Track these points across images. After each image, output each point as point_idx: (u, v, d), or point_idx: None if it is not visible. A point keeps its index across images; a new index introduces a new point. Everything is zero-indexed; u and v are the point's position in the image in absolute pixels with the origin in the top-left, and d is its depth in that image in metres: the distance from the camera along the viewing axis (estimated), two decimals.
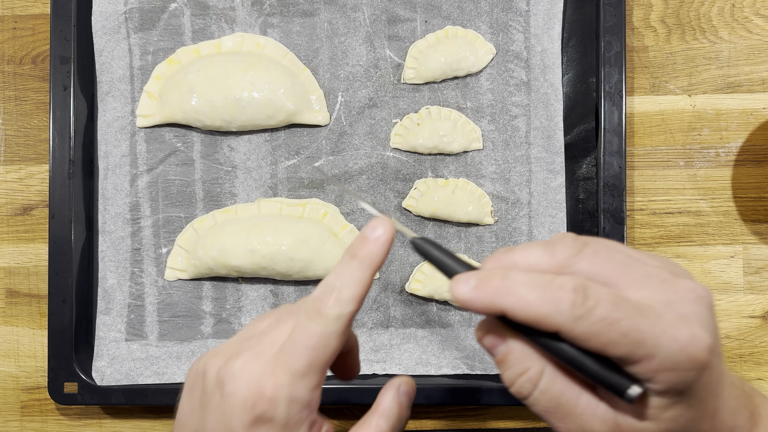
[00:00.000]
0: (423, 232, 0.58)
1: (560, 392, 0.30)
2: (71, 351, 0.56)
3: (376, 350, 0.57)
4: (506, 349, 0.30)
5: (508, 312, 0.28)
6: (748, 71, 0.60)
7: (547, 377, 0.30)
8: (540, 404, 0.30)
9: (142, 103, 0.57)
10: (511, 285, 0.28)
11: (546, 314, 0.28)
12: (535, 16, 0.57)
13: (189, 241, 0.57)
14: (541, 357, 0.30)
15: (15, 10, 0.61)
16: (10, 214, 0.61)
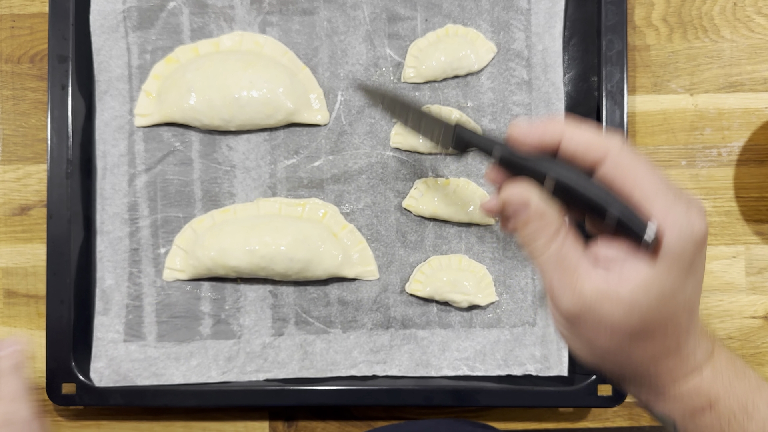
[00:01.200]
0: (423, 232, 0.57)
1: (567, 253, 0.33)
2: (69, 352, 0.56)
3: (376, 351, 0.57)
4: (531, 206, 0.34)
5: (566, 137, 0.33)
6: (750, 70, 0.60)
7: (559, 240, 0.33)
8: (545, 258, 0.33)
9: (141, 103, 0.57)
10: (563, 124, 0.34)
11: (598, 140, 0.33)
12: (536, 15, 0.57)
13: (187, 242, 0.57)
14: (558, 220, 0.34)
15: (13, 9, 0.61)
16: (7, 214, 0.61)
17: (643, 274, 0.32)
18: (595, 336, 0.33)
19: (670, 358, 0.34)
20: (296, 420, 0.60)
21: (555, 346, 0.56)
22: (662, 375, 0.34)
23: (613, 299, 0.32)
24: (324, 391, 0.55)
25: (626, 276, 0.32)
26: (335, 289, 0.57)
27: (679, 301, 0.32)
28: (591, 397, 0.55)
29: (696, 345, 0.34)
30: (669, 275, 0.32)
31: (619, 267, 0.32)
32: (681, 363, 0.34)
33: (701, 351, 0.34)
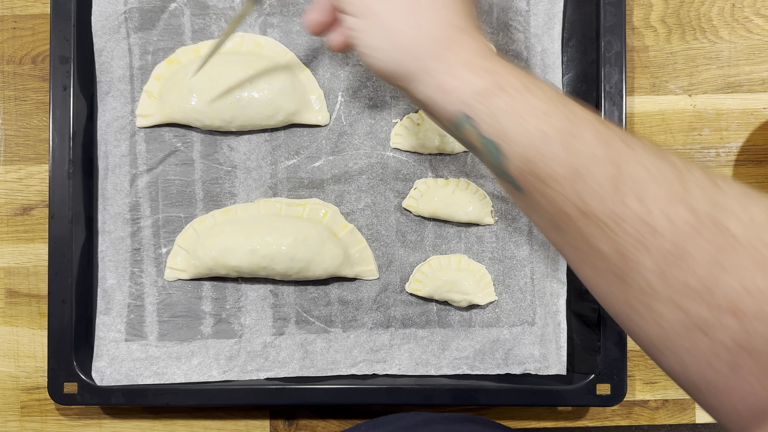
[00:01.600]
0: (423, 232, 0.58)
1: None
2: (71, 351, 0.56)
3: (376, 350, 0.57)
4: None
5: None
6: (748, 71, 0.60)
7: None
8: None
9: (142, 103, 0.57)
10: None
11: None
12: (535, 16, 0.57)
13: (189, 241, 0.57)
14: None
15: (15, 9, 0.61)
16: (9, 214, 0.61)
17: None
18: (383, 10, 0.38)
19: (458, 32, 0.38)
20: (297, 419, 0.60)
21: (554, 345, 0.57)
22: (450, 52, 0.38)
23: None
24: (324, 390, 0.56)
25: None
26: (335, 289, 0.58)
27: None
28: (590, 396, 0.55)
29: (475, 34, 0.39)
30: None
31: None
32: (468, 40, 0.38)
33: (482, 42, 0.39)
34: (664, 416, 0.61)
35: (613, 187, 0.33)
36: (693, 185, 0.32)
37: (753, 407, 0.31)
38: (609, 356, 0.55)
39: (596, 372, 0.55)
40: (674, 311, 0.32)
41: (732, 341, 0.30)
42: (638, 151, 0.34)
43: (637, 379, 0.60)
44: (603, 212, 0.33)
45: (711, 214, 0.31)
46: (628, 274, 0.33)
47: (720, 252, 0.31)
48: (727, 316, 0.30)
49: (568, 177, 0.34)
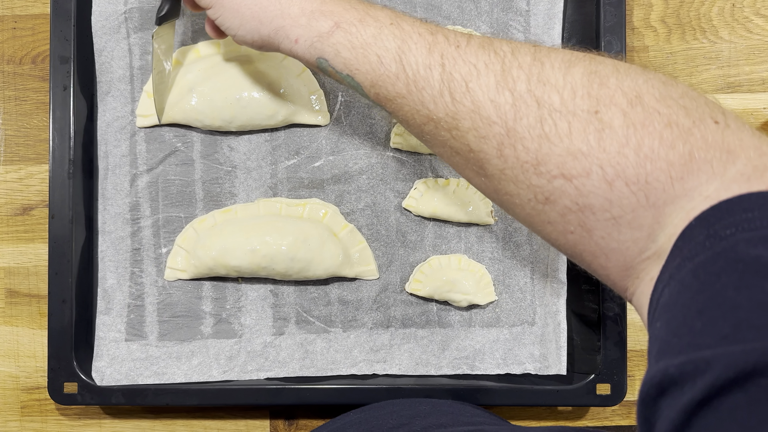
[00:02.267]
0: (423, 232, 0.58)
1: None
2: (71, 351, 0.56)
3: (376, 350, 0.57)
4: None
5: None
6: (748, 71, 0.60)
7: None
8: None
9: (142, 103, 0.57)
10: None
11: None
12: (535, 16, 0.57)
13: (189, 241, 0.57)
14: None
15: (15, 9, 0.61)
16: (9, 214, 0.61)
17: None
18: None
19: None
20: (297, 419, 0.60)
21: (554, 345, 0.57)
22: (289, 6, 0.42)
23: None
24: (324, 389, 0.56)
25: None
26: (336, 289, 0.58)
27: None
28: (590, 395, 0.55)
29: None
30: None
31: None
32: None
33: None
34: None
35: (446, 89, 0.37)
36: (515, 69, 0.35)
37: (617, 263, 0.33)
38: (609, 356, 0.55)
39: (596, 372, 0.56)
40: (521, 189, 0.35)
41: (574, 204, 0.33)
42: (465, 49, 0.37)
43: (637, 379, 0.60)
44: (444, 114, 0.37)
45: (532, 91, 0.34)
46: (481, 165, 0.37)
47: (543, 125, 0.34)
48: (561, 182, 0.33)
49: (409, 90, 0.38)
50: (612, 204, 0.32)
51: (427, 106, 0.38)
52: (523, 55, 0.36)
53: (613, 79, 0.34)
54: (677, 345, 0.27)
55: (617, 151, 0.32)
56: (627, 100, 0.32)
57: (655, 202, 0.31)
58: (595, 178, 0.32)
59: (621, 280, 0.34)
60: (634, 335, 0.59)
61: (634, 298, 0.34)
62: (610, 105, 0.33)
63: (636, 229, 0.32)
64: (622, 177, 0.32)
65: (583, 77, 0.34)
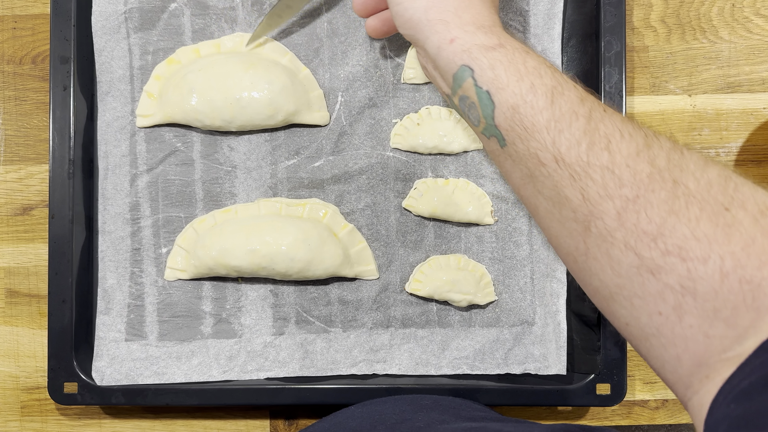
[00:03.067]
0: (423, 232, 0.58)
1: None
2: (71, 351, 0.56)
3: (376, 350, 0.57)
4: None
5: None
6: (748, 71, 0.60)
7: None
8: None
9: (142, 103, 0.57)
10: None
11: None
12: (535, 16, 0.57)
13: (189, 241, 0.57)
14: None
15: (15, 10, 0.61)
16: (9, 214, 0.61)
17: None
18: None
19: (482, 2, 0.44)
20: (297, 419, 0.60)
21: (554, 345, 0.57)
22: (467, 13, 0.43)
23: None
24: (324, 389, 0.56)
25: None
26: (335, 289, 0.58)
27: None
28: (590, 395, 0.55)
29: (490, 4, 0.45)
30: None
31: None
32: (484, 11, 0.44)
33: (493, 14, 0.44)
34: (664, 416, 0.61)
35: (587, 140, 0.37)
36: (657, 147, 0.36)
37: (694, 356, 0.33)
38: (609, 356, 0.55)
39: (596, 372, 0.56)
40: (629, 255, 0.35)
41: (678, 284, 0.33)
42: (612, 114, 0.39)
43: (637, 379, 0.60)
44: (575, 161, 0.37)
45: (670, 170, 0.35)
46: (590, 220, 0.37)
47: (675, 202, 0.34)
48: (675, 259, 0.33)
49: (549, 127, 0.38)
50: (717, 296, 0.32)
51: (559, 148, 0.38)
52: (664, 138, 0.37)
53: (747, 189, 0.34)
54: (762, 424, 0.27)
55: (741, 248, 0.32)
56: (759, 209, 0.33)
57: (759, 306, 0.31)
58: (711, 266, 0.32)
59: (688, 376, 0.34)
60: None
61: (696, 397, 0.34)
62: (742, 208, 0.33)
63: (730, 327, 0.32)
64: (738, 273, 0.32)
65: (719, 177, 0.35)
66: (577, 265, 0.39)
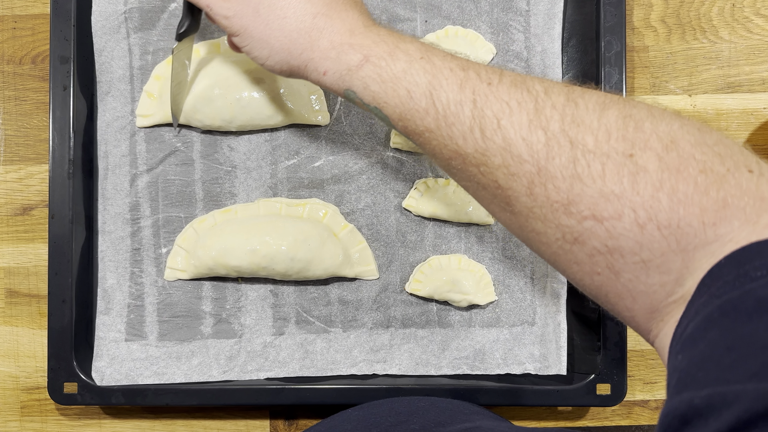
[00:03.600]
0: (423, 232, 0.58)
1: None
2: (71, 351, 0.56)
3: (376, 350, 0.57)
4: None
5: None
6: (748, 71, 0.60)
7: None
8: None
9: (142, 103, 0.57)
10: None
11: None
12: (535, 16, 0.57)
13: (189, 241, 0.57)
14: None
15: (15, 10, 0.61)
16: (9, 214, 0.61)
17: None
18: (249, 21, 0.43)
19: (316, 21, 0.42)
20: (297, 419, 0.60)
21: (554, 345, 0.57)
22: (319, 39, 0.42)
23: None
24: (324, 390, 0.56)
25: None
26: (336, 289, 0.58)
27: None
28: (590, 396, 0.55)
29: (343, 13, 0.43)
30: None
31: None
32: (329, 25, 0.42)
33: (352, 19, 0.43)
34: None
35: (477, 126, 0.37)
36: (550, 108, 0.35)
37: (644, 306, 0.33)
38: (609, 356, 0.55)
39: (596, 372, 0.56)
40: (549, 228, 0.35)
41: (603, 245, 0.33)
42: (497, 86, 0.37)
43: (637, 379, 0.60)
44: (473, 150, 0.37)
45: (566, 131, 0.34)
46: (509, 202, 0.37)
47: (576, 165, 0.33)
48: (592, 223, 0.33)
49: (438, 125, 0.38)
50: (642, 247, 0.32)
51: (456, 142, 0.37)
52: (557, 94, 0.36)
53: (648, 123, 0.33)
54: (703, 378, 0.27)
55: (651, 195, 0.32)
56: (662, 145, 0.32)
57: (685, 246, 0.31)
58: (627, 221, 0.32)
59: (645, 323, 0.34)
60: (634, 335, 0.59)
61: (657, 339, 0.34)
62: (645, 149, 0.32)
63: (664, 273, 0.32)
64: (654, 221, 0.31)
65: (618, 120, 0.34)
66: (520, 239, 0.39)
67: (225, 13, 0.44)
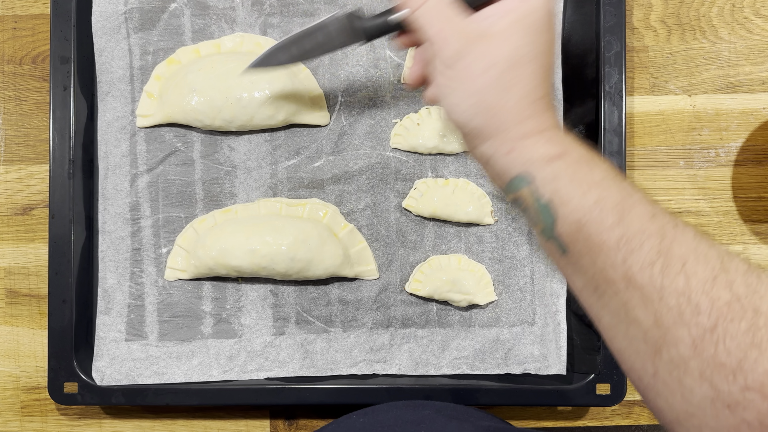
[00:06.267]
0: (423, 232, 0.58)
1: (445, 6, 0.40)
2: (71, 351, 0.56)
3: (376, 350, 0.57)
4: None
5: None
6: (748, 71, 0.60)
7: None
8: (426, 12, 0.40)
9: (142, 103, 0.57)
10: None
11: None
12: None
13: (189, 241, 0.57)
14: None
15: (15, 10, 0.61)
16: (10, 214, 0.61)
17: (510, 19, 0.39)
18: (475, 72, 0.39)
19: (537, 102, 0.40)
20: (297, 418, 0.60)
21: (554, 345, 0.57)
22: (527, 118, 0.40)
23: (490, 34, 0.39)
24: (324, 389, 0.56)
25: (500, 16, 0.39)
26: (336, 289, 0.58)
27: (542, 41, 0.40)
28: (589, 395, 0.55)
29: (553, 109, 0.41)
30: (526, 20, 0.39)
31: (493, 14, 0.40)
32: (544, 111, 0.40)
33: (556, 117, 0.41)
34: None
35: (661, 262, 0.35)
36: (734, 270, 0.34)
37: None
38: (609, 356, 0.55)
39: (596, 372, 0.56)
40: (704, 386, 0.33)
41: (756, 420, 0.31)
42: (684, 231, 0.36)
43: None
44: (648, 283, 0.35)
45: (749, 298, 0.33)
46: (662, 345, 0.35)
47: (756, 334, 0.32)
48: (756, 396, 0.31)
49: (620, 246, 0.36)
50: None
51: (631, 268, 0.35)
52: (738, 259, 0.35)
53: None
54: None
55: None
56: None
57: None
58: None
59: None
60: None
61: None
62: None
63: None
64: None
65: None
66: (642, 382, 0.37)
67: (455, 52, 0.40)
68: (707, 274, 0.34)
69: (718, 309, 0.33)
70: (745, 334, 0.32)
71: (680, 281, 0.34)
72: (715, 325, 0.33)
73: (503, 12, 0.39)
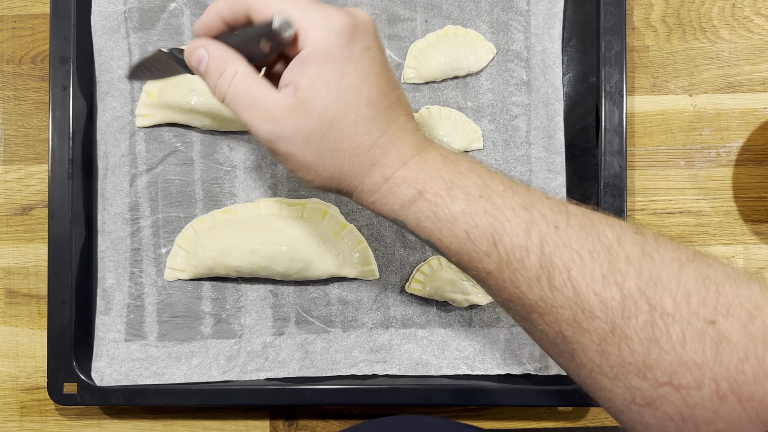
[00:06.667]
0: None
1: (251, 86, 0.38)
2: (71, 351, 0.56)
3: (376, 350, 0.57)
4: (208, 56, 0.40)
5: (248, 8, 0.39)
6: (748, 71, 0.60)
7: (239, 76, 0.38)
8: (233, 98, 0.39)
9: (142, 103, 0.57)
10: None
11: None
12: (535, 16, 0.57)
13: (188, 241, 0.57)
14: (235, 61, 0.39)
15: (14, 9, 0.61)
16: (9, 214, 0.61)
17: (308, 77, 0.36)
18: (297, 149, 0.38)
19: (374, 148, 0.38)
20: (297, 419, 0.60)
21: None
22: (371, 169, 0.38)
23: (296, 102, 0.37)
24: (324, 390, 0.56)
25: (299, 86, 0.37)
26: (335, 289, 0.58)
27: (348, 92, 0.37)
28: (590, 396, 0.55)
29: (398, 141, 0.38)
30: (325, 67, 0.36)
31: (293, 81, 0.37)
32: (386, 149, 0.38)
33: (407, 147, 0.38)
34: None
35: (545, 275, 0.34)
36: (623, 261, 0.33)
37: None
38: None
39: None
40: (619, 387, 0.33)
41: (677, 413, 0.31)
42: (565, 231, 0.35)
43: None
44: (539, 300, 0.34)
45: (643, 290, 0.32)
46: (573, 354, 0.35)
47: (654, 328, 0.32)
48: (668, 390, 0.31)
49: (500, 269, 0.35)
50: (718, 418, 0.30)
51: (519, 287, 0.35)
52: (630, 245, 0.34)
53: (729, 287, 0.32)
54: None
55: (735, 367, 0.30)
56: (745, 312, 0.31)
57: (765, 418, 0.30)
58: (706, 392, 0.30)
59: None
60: None
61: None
62: (728, 315, 0.31)
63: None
64: (735, 393, 0.30)
65: (697, 281, 0.32)
66: (580, 384, 0.37)
67: (268, 137, 0.38)
68: (595, 275, 0.33)
69: (612, 310, 0.32)
70: (643, 330, 0.32)
71: (568, 290, 0.33)
72: (613, 327, 0.32)
73: (303, 65, 0.37)
